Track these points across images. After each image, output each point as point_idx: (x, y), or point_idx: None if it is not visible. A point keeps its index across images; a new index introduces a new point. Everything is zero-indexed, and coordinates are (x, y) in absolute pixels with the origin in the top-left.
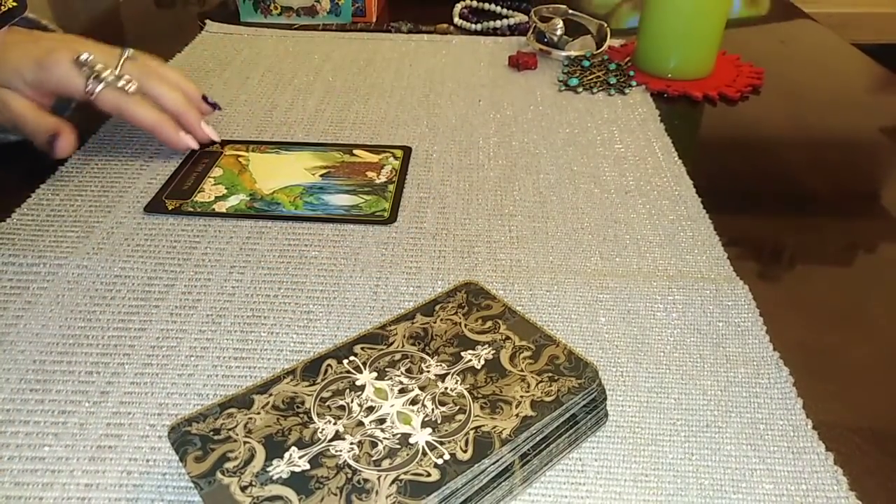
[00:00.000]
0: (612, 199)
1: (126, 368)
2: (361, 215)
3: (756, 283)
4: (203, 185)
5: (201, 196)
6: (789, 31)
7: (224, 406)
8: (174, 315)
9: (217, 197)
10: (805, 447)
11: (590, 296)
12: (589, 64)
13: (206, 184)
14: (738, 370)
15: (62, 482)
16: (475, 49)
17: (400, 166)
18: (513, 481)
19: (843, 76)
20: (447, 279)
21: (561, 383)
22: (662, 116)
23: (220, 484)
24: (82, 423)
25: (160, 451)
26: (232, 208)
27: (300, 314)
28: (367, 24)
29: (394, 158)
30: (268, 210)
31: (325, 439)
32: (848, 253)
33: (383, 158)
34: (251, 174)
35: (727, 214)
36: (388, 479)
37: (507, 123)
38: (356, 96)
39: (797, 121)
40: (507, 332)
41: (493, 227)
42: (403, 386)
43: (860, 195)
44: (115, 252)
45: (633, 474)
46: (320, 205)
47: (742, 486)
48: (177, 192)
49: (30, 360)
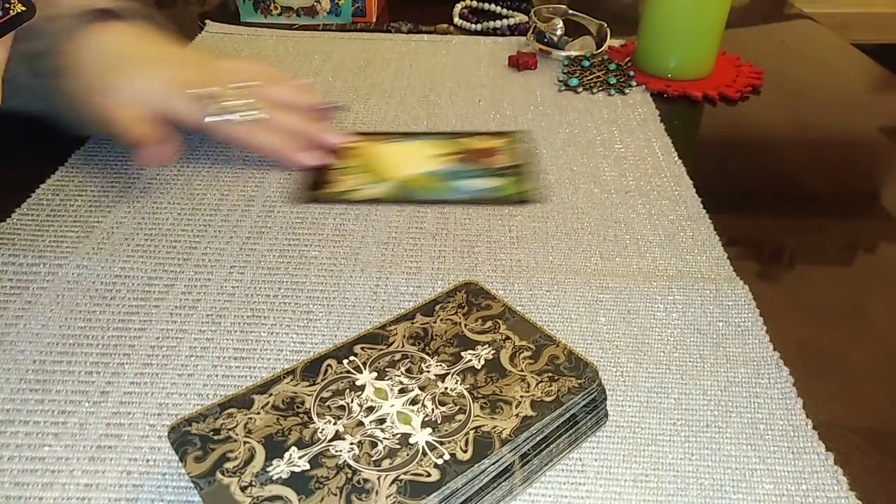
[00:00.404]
0: (612, 199)
1: (126, 368)
2: (507, 196)
3: (756, 283)
4: (342, 174)
5: (344, 185)
6: (789, 31)
7: (224, 406)
8: (174, 315)
9: (361, 185)
10: (805, 447)
11: (590, 296)
12: (589, 64)
13: (344, 173)
14: (738, 370)
15: (62, 482)
16: (475, 49)
17: (522, 149)
18: (513, 481)
19: (843, 76)
20: (447, 279)
21: (561, 383)
22: (662, 116)
23: (219, 484)
24: (82, 423)
25: (160, 451)
26: (380, 194)
27: (300, 314)
28: (367, 24)
29: (512, 143)
30: (413, 196)
31: (325, 439)
32: (848, 253)
33: (502, 143)
34: (382, 163)
35: (727, 214)
36: (388, 479)
37: (507, 123)
38: (356, 96)
39: (797, 121)
40: (507, 332)
41: (493, 227)
42: (403, 386)
43: (860, 195)
44: (115, 252)
45: (633, 474)
46: (460, 189)
47: (742, 486)
48: (320, 182)
49: (30, 360)
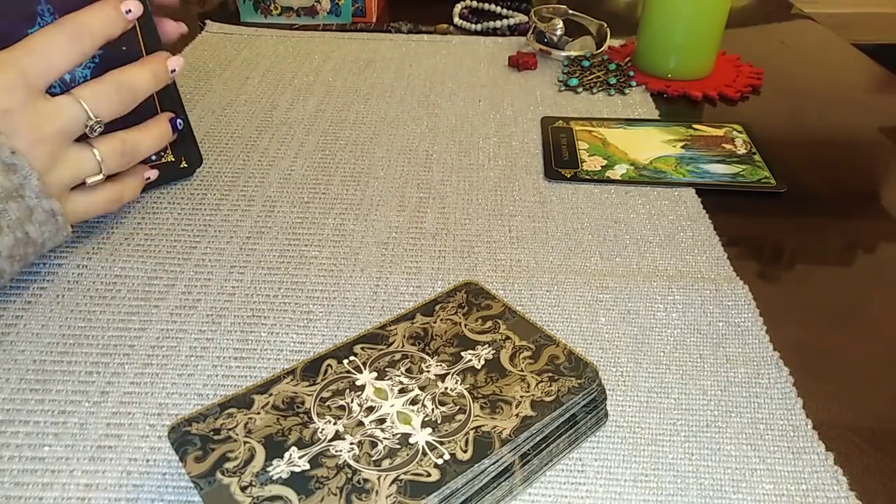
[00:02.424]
0: (612, 199)
1: (126, 368)
2: (748, 183)
3: (756, 283)
4: (581, 156)
5: (587, 165)
6: (789, 31)
7: (224, 406)
8: (174, 315)
9: (603, 167)
10: (805, 447)
11: (590, 296)
12: (589, 64)
13: (583, 154)
14: (738, 370)
15: (62, 482)
16: (475, 49)
17: (749, 138)
18: (513, 481)
19: (843, 76)
20: (447, 279)
21: (561, 383)
22: (662, 116)
23: (220, 484)
24: (82, 423)
25: (160, 451)
26: (625, 176)
27: (300, 314)
28: (367, 24)
29: (737, 132)
30: (656, 177)
31: (325, 439)
32: (848, 253)
33: (728, 131)
34: (616, 146)
35: (727, 214)
36: (388, 479)
37: (506, 123)
38: (356, 96)
39: (797, 121)
40: (507, 332)
41: (493, 227)
42: (403, 386)
43: (860, 195)
44: (114, 252)
45: (633, 474)
46: (702, 172)
47: (742, 486)
48: (563, 163)
49: (30, 360)
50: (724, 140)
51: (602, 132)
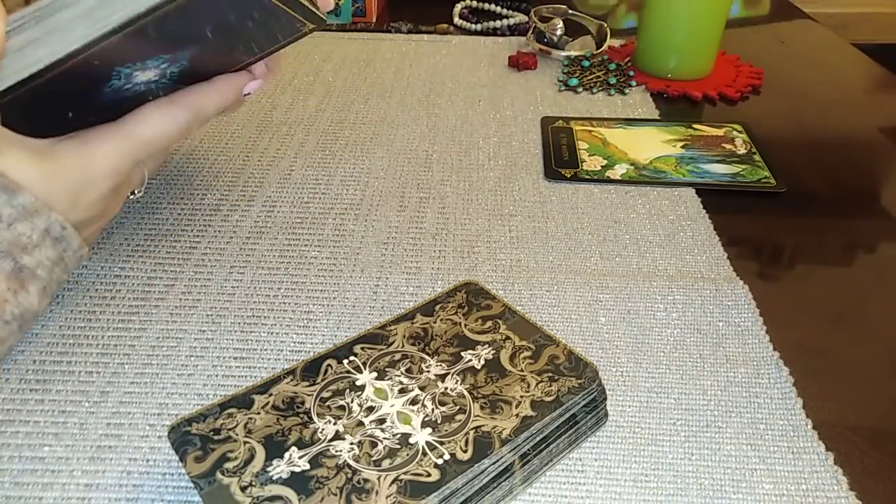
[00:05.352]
0: (612, 198)
1: (126, 368)
2: (748, 183)
3: (756, 283)
4: (581, 155)
5: (587, 165)
6: (789, 31)
7: (224, 406)
8: (174, 315)
9: (603, 166)
10: (805, 447)
11: (590, 296)
12: (589, 64)
13: (583, 154)
14: (738, 370)
15: (62, 482)
16: (475, 49)
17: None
18: (513, 481)
19: (843, 76)
20: (447, 279)
21: (561, 383)
22: (662, 116)
23: (220, 484)
24: (82, 423)
25: (160, 451)
26: (625, 175)
27: (300, 314)
28: (367, 24)
29: (737, 132)
30: (656, 177)
31: (325, 439)
32: (848, 253)
33: (728, 131)
34: (616, 146)
35: (727, 214)
36: (388, 479)
37: (506, 123)
38: (356, 96)
39: (797, 121)
40: (507, 332)
41: (493, 227)
42: (403, 386)
43: (860, 195)
44: (115, 252)
45: (633, 474)
46: (702, 172)
47: (742, 486)
48: (563, 163)
49: (30, 360)
50: (724, 140)
51: (602, 132)
